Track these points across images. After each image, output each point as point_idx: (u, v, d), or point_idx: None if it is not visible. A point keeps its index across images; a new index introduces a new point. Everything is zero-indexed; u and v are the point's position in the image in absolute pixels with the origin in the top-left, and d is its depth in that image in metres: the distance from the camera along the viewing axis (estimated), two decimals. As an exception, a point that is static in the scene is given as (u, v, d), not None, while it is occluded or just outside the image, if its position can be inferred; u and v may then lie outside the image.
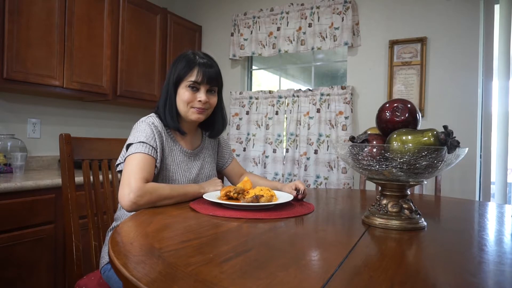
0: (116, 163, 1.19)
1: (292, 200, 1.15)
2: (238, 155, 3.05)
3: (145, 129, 1.16)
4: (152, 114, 1.25)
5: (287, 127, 2.88)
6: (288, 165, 2.83)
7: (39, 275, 1.80)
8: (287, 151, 2.86)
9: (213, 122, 1.34)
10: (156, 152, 1.15)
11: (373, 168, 0.85)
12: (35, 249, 1.78)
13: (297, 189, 1.25)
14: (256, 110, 3.02)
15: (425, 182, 0.91)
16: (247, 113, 3.05)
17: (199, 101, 1.21)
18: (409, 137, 0.84)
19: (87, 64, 2.31)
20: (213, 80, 1.23)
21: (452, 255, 0.68)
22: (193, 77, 1.20)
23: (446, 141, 0.81)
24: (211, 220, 0.90)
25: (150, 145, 1.13)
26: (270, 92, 2.97)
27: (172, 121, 1.22)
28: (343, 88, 2.66)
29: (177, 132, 1.27)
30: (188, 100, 1.21)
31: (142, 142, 1.12)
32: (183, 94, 1.21)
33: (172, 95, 1.23)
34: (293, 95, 2.85)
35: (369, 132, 0.99)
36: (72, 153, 1.27)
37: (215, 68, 1.25)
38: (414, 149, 0.80)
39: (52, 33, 2.11)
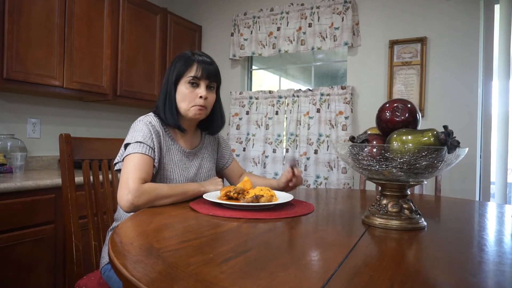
0: (114, 162, 1.19)
1: (292, 200, 1.15)
2: (238, 155, 3.05)
3: (142, 128, 1.16)
4: (150, 113, 1.25)
5: (287, 127, 2.88)
6: (288, 165, 2.83)
7: (39, 275, 1.80)
8: (287, 151, 2.86)
9: (212, 120, 1.34)
10: (154, 151, 1.15)
11: (373, 168, 0.85)
12: (35, 249, 1.78)
13: (290, 173, 1.29)
14: (256, 110, 3.02)
15: (425, 182, 0.91)
16: (247, 113, 3.05)
17: (200, 97, 1.21)
18: (409, 137, 0.84)
19: (87, 64, 2.31)
20: (212, 76, 1.24)
21: (452, 255, 0.68)
22: (192, 72, 1.21)
23: (446, 141, 0.81)
24: (211, 220, 0.90)
25: (147, 145, 1.13)
26: (270, 92, 2.97)
27: (172, 118, 1.22)
28: (343, 88, 2.66)
29: (176, 130, 1.27)
30: (189, 96, 1.21)
31: (139, 142, 1.13)
32: (183, 90, 1.21)
33: (172, 93, 1.23)
34: (293, 95, 2.85)
35: (369, 132, 0.99)
36: (72, 153, 1.27)
37: (214, 65, 1.26)
38: (414, 149, 0.80)
39: (52, 33, 2.11)
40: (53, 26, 2.11)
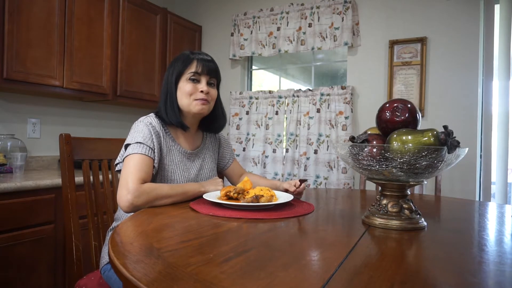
0: (115, 163, 1.19)
1: (292, 200, 1.15)
2: (238, 155, 3.05)
3: (142, 129, 1.16)
4: (151, 114, 1.25)
5: (287, 127, 2.88)
6: (288, 165, 2.83)
7: (39, 275, 1.80)
8: (287, 151, 2.86)
9: (214, 118, 1.35)
10: (154, 152, 1.15)
11: (373, 168, 0.85)
12: (35, 249, 1.78)
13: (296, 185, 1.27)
14: (256, 110, 3.02)
15: (425, 182, 0.91)
16: (247, 113, 3.05)
17: (201, 91, 1.22)
18: (409, 137, 0.84)
19: (87, 64, 2.31)
20: (212, 72, 1.25)
21: (452, 255, 0.68)
22: (192, 68, 1.22)
23: (446, 141, 0.81)
24: (211, 220, 0.90)
25: (147, 146, 1.13)
26: (270, 92, 2.97)
27: (174, 116, 1.22)
28: (343, 88, 2.66)
29: (177, 131, 1.27)
30: (190, 91, 1.21)
31: (139, 142, 1.13)
32: (185, 86, 1.22)
33: (173, 92, 1.24)
34: (293, 95, 2.85)
35: (369, 132, 0.99)
36: (72, 153, 1.27)
37: (213, 63, 1.27)
38: (414, 149, 0.80)
39: (52, 33, 2.11)
40: (53, 26, 2.11)
